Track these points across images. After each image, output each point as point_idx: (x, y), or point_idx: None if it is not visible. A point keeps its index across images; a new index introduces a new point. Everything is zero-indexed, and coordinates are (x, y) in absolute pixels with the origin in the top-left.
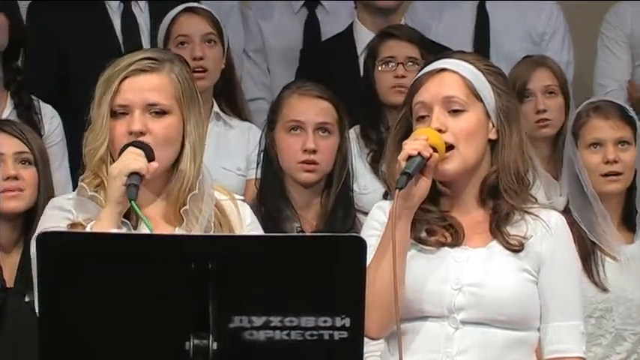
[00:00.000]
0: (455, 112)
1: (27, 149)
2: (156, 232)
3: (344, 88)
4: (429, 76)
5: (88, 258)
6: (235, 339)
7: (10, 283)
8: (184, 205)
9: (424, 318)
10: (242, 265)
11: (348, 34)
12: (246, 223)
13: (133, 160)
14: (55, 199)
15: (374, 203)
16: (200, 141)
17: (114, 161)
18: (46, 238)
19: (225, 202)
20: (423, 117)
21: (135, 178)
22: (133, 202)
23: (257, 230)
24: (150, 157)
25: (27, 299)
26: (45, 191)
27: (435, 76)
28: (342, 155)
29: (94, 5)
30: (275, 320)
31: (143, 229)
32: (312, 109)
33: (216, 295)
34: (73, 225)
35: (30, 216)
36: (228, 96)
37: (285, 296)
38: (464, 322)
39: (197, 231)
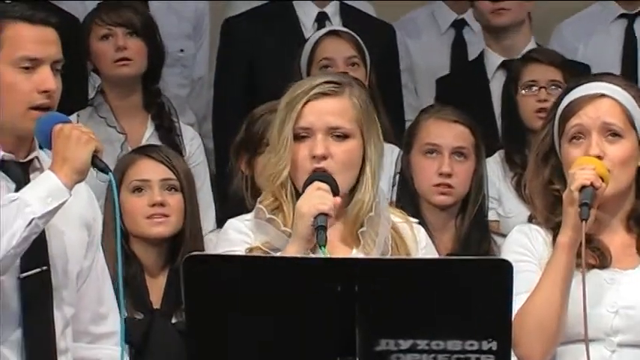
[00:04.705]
0: (612, 139)
1: (173, 176)
2: (333, 254)
3: (476, 114)
4: (588, 101)
5: (234, 281)
6: None
7: (156, 306)
8: (361, 227)
9: (580, 341)
10: (388, 288)
11: (479, 60)
12: (422, 245)
13: (321, 198)
14: (232, 220)
15: None
16: (379, 164)
17: (294, 185)
18: (193, 262)
19: (401, 224)
20: (577, 139)
21: (322, 219)
22: (323, 247)
23: (432, 254)
24: (335, 191)
25: (174, 320)
26: (191, 216)
27: (594, 101)
28: (477, 179)
29: (288, 23)
30: (422, 343)
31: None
32: (448, 133)
33: (363, 317)
34: (251, 250)
35: (176, 241)
36: None
37: (431, 319)
38: (621, 345)
39: (374, 253)
